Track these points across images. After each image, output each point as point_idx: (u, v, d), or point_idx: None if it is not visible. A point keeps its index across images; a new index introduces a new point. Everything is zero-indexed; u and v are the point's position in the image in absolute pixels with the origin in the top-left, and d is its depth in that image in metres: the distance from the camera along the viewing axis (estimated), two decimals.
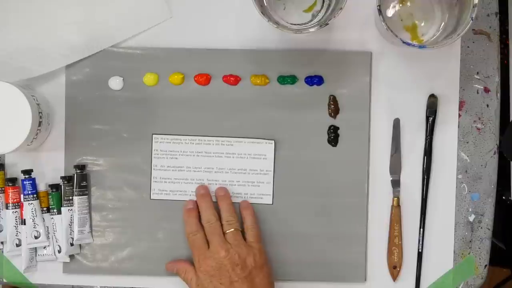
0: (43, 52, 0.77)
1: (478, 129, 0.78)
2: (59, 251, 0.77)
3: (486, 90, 0.78)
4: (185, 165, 0.78)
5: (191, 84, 0.78)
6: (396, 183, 0.78)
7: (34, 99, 0.73)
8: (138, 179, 0.78)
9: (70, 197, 0.77)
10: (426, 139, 0.78)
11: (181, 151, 0.78)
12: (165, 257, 0.78)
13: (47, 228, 0.77)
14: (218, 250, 0.72)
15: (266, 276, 0.73)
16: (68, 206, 0.77)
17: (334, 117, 0.78)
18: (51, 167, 0.79)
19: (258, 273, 0.72)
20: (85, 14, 0.77)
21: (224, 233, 0.73)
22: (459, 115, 0.78)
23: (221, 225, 0.74)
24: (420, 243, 0.78)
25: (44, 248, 0.78)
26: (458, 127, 0.78)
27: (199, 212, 0.76)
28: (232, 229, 0.74)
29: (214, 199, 0.77)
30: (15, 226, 0.77)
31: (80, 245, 0.78)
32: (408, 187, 0.78)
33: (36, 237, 0.77)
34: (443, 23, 0.75)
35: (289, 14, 0.76)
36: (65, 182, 0.77)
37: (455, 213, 0.78)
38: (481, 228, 0.78)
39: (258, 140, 0.78)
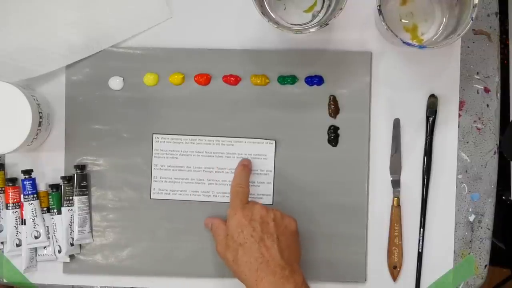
0: (43, 52, 0.77)
1: (478, 129, 0.78)
2: (59, 251, 0.77)
3: (486, 90, 0.78)
4: (185, 164, 0.78)
5: (191, 84, 0.78)
6: (396, 183, 0.78)
7: (34, 99, 0.73)
8: (138, 179, 0.78)
9: (70, 197, 0.77)
10: (426, 139, 0.78)
11: (181, 151, 0.78)
12: (165, 257, 0.78)
13: (47, 228, 0.77)
14: (257, 206, 0.72)
15: (297, 244, 0.72)
16: (68, 206, 0.77)
17: (334, 117, 0.78)
18: (51, 167, 0.79)
19: (289, 237, 0.71)
20: (85, 14, 0.77)
21: None
22: (459, 115, 0.78)
23: None
24: (420, 243, 0.78)
25: (44, 248, 0.78)
26: (458, 127, 0.78)
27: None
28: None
29: (217, 200, 0.78)
30: (15, 226, 0.77)
31: (80, 245, 0.78)
32: (408, 187, 0.78)
33: (36, 237, 0.77)
34: (443, 23, 0.75)
35: (289, 14, 0.76)
36: (65, 182, 0.77)
37: (455, 213, 0.78)
38: (481, 228, 0.78)
39: (259, 140, 0.78)
